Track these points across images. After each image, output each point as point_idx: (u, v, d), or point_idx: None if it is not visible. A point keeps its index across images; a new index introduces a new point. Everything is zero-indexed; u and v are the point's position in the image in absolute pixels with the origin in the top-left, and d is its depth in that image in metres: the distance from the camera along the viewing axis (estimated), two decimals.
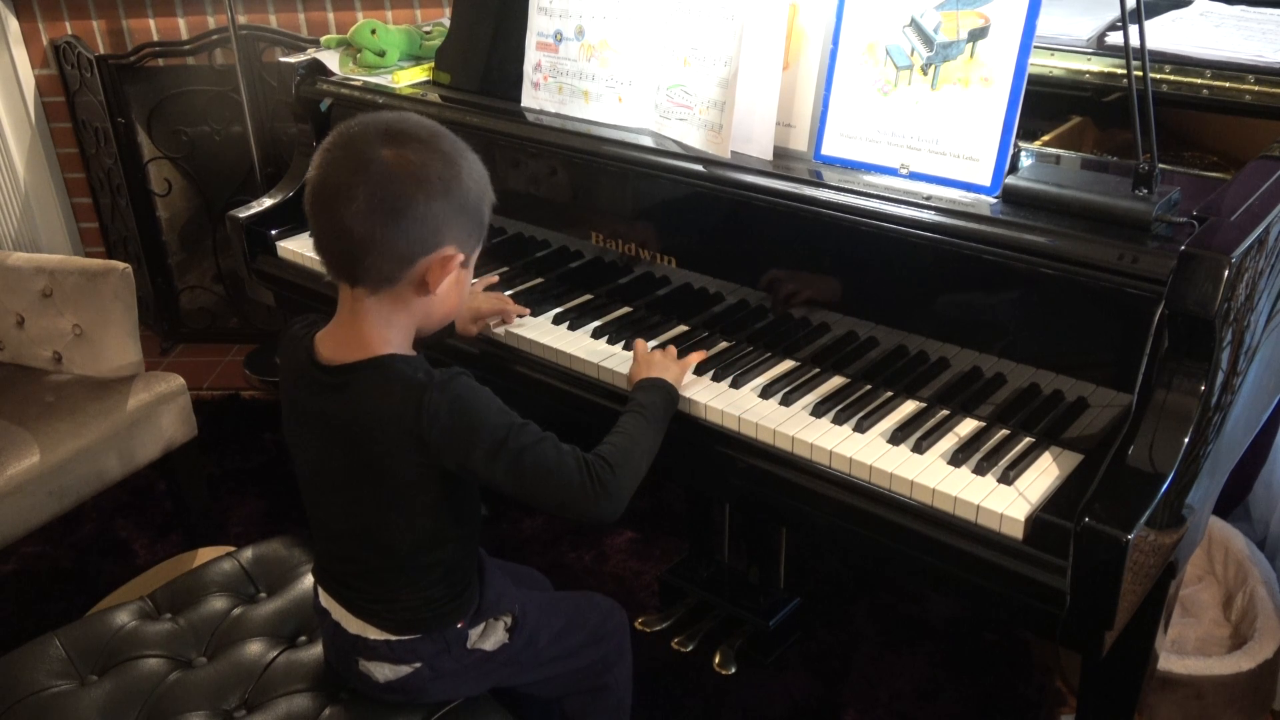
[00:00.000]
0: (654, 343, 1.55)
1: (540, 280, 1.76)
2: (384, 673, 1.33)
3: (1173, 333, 1.14)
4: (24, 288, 2.18)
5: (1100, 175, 1.34)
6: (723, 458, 1.39)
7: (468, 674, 1.37)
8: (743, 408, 1.39)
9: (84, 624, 1.50)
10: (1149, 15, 1.65)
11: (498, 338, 1.62)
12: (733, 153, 1.46)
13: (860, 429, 1.34)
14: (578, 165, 1.64)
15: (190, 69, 3.01)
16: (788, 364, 1.50)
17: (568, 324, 1.61)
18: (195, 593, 1.56)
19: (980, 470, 1.24)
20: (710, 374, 1.47)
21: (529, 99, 1.73)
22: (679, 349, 1.49)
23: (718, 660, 1.96)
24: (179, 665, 1.44)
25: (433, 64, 1.92)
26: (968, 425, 1.34)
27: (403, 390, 1.19)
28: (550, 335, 1.59)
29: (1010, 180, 1.28)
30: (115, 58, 2.96)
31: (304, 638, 1.49)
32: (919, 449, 1.29)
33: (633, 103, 1.61)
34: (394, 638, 1.31)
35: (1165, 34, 1.61)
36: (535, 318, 1.64)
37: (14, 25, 2.99)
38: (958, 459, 1.26)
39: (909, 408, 1.39)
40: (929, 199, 1.31)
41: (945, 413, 1.36)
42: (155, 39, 2.98)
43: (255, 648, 1.46)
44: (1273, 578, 1.93)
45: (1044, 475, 1.24)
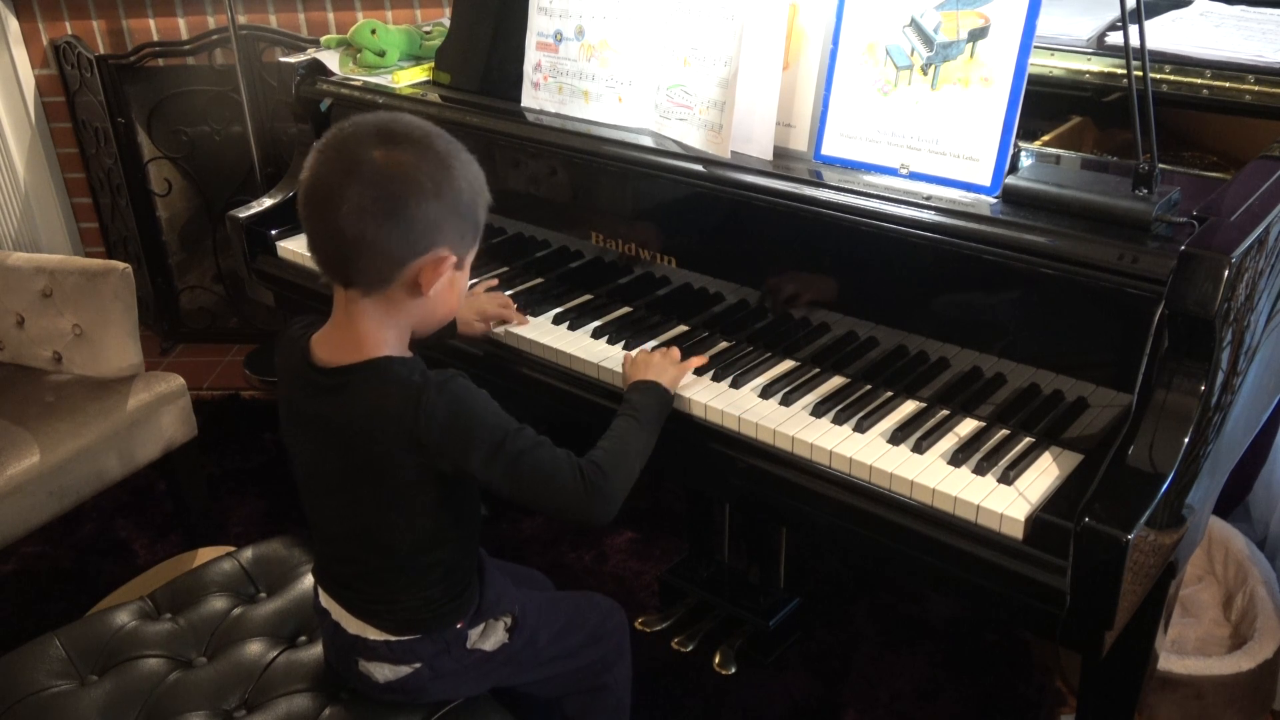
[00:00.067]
0: (654, 343, 1.55)
1: (540, 280, 1.76)
2: (384, 673, 1.33)
3: (1173, 333, 1.14)
4: (24, 288, 2.18)
5: (1100, 175, 1.34)
6: (723, 458, 1.39)
7: (467, 674, 1.37)
8: (743, 408, 1.39)
9: (84, 624, 1.50)
10: (1149, 15, 1.65)
11: (497, 338, 1.62)
12: (733, 153, 1.46)
13: (860, 429, 1.34)
14: (578, 165, 1.64)
15: (190, 69, 3.01)
16: (788, 364, 1.50)
17: (568, 324, 1.61)
18: (195, 593, 1.56)
19: (980, 470, 1.24)
20: (710, 374, 1.47)
21: (529, 99, 1.73)
22: (680, 350, 1.49)
23: (718, 660, 1.96)
24: (179, 665, 1.44)
25: (433, 64, 1.92)
26: (968, 425, 1.34)
27: (399, 393, 1.19)
28: (550, 335, 1.59)
29: (1010, 180, 1.28)
30: (115, 58, 2.96)
31: (304, 638, 1.49)
32: (919, 449, 1.29)
33: (633, 103, 1.61)
34: (394, 638, 1.31)
35: (1165, 34, 1.61)
36: (535, 318, 1.64)
37: (14, 25, 2.99)
38: (958, 459, 1.26)
39: (909, 408, 1.39)
40: (929, 199, 1.31)
41: (945, 413, 1.36)
42: (155, 39, 2.98)
43: (255, 648, 1.46)
44: (1273, 578, 1.93)
45: (1044, 475, 1.24)
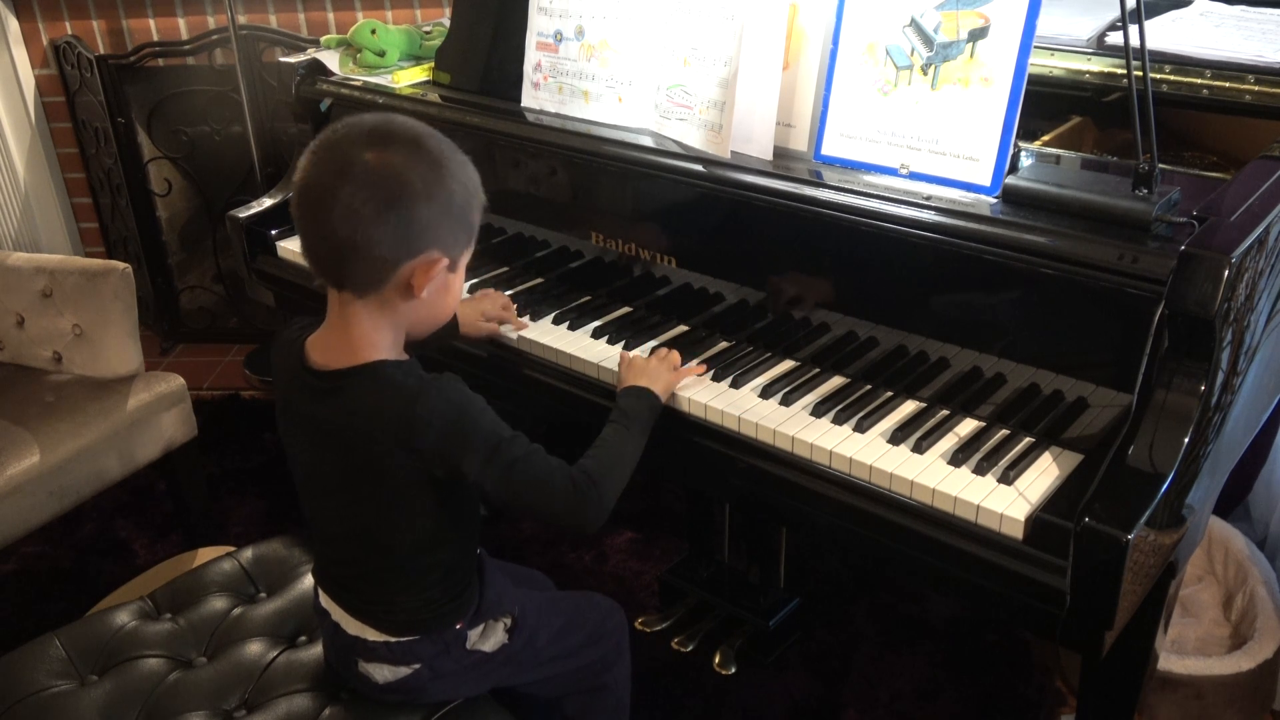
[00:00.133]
0: (654, 342, 1.55)
1: (540, 280, 1.76)
2: (383, 674, 1.33)
3: (1173, 333, 1.14)
4: (24, 288, 2.18)
5: (1100, 175, 1.34)
6: (723, 458, 1.39)
7: (467, 675, 1.37)
8: (743, 408, 1.39)
9: (84, 624, 1.50)
10: (1149, 15, 1.65)
11: (497, 338, 1.62)
12: (733, 153, 1.46)
13: (860, 429, 1.34)
14: (578, 165, 1.64)
15: (190, 69, 3.01)
16: (788, 364, 1.50)
17: (568, 324, 1.61)
18: (195, 593, 1.56)
19: (980, 470, 1.24)
20: (710, 374, 1.47)
21: (529, 99, 1.73)
22: (680, 350, 1.49)
23: (718, 660, 1.96)
24: (179, 665, 1.44)
25: (433, 64, 1.92)
26: (968, 425, 1.34)
27: (395, 397, 1.19)
28: (550, 335, 1.59)
29: (1010, 180, 1.28)
30: (115, 58, 2.96)
31: (304, 638, 1.49)
32: (919, 449, 1.29)
33: (633, 103, 1.61)
34: (393, 639, 1.31)
35: (1165, 34, 1.61)
36: (535, 318, 1.64)
37: (14, 25, 2.99)
38: (958, 459, 1.26)
39: (909, 408, 1.39)
40: (929, 199, 1.31)
41: (945, 413, 1.36)
42: (155, 39, 2.98)
43: (255, 648, 1.46)
44: (1273, 578, 1.93)
45: (1044, 475, 1.24)
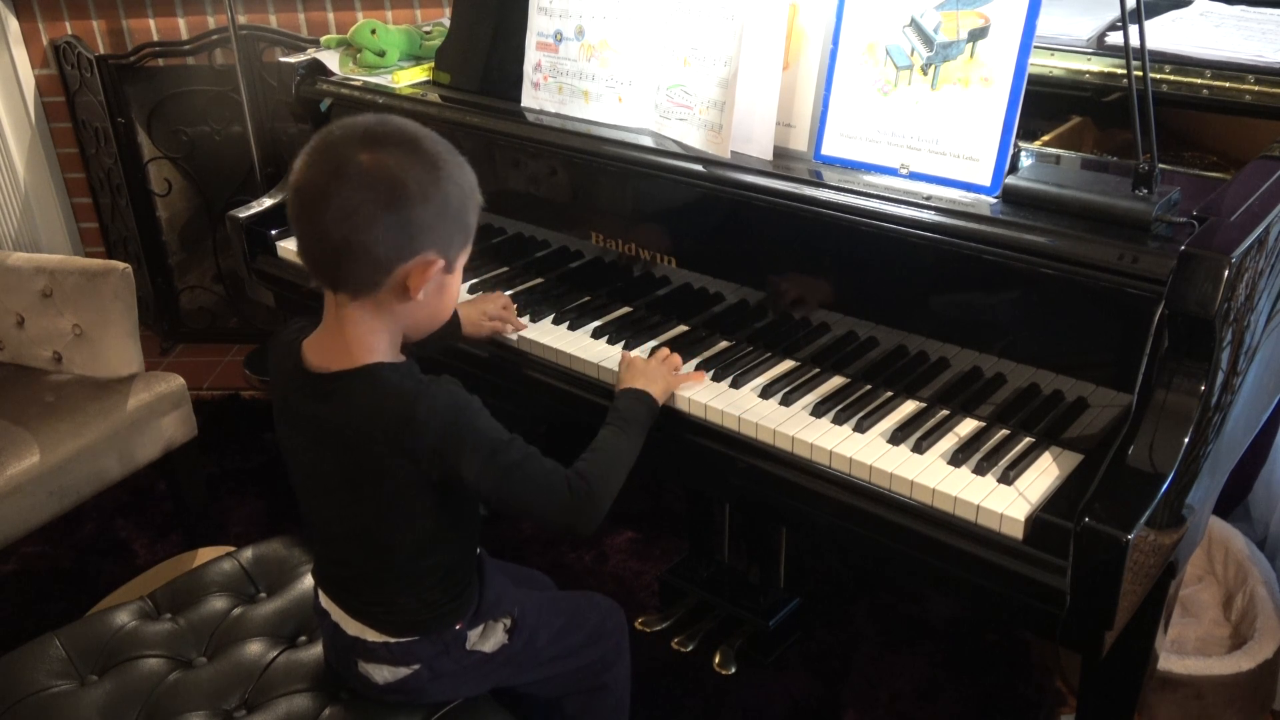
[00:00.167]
0: (654, 342, 1.55)
1: (540, 280, 1.76)
2: (383, 674, 1.33)
3: (1173, 333, 1.14)
4: (24, 288, 2.18)
5: (1100, 175, 1.34)
6: (723, 458, 1.39)
7: (467, 675, 1.37)
8: (743, 408, 1.39)
9: (84, 624, 1.50)
10: (1149, 15, 1.65)
11: (498, 339, 1.62)
12: (733, 153, 1.46)
13: (860, 429, 1.34)
14: (578, 165, 1.64)
15: (190, 69, 3.01)
16: (788, 364, 1.50)
17: (568, 324, 1.61)
18: (195, 593, 1.56)
19: (980, 470, 1.24)
20: (710, 374, 1.47)
21: (529, 99, 1.73)
22: (680, 350, 1.49)
23: (718, 660, 1.96)
24: (179, 665, 1.44)
25: (433, 64, 1.92)
26: (968, 425, 1.34)
27: (392, 400, 1.19)
28: (550, 335, 1.59)
29: (1010, 180, 1.28)
30: (115, 58, 2.96)
31: (304, 638, 1.48)
32: (919, 449, 1.29)
33: (633, 103, 1.61)
34: (393, 640, 1.31)
35: (1165, 34, 1.61)
36: (535, 319, 1.64)
37: (14, 25, 2.99)
38: (958, 459, 1.26)
39: (909, 408, 1.39)
40: (929, 199, 1.31)
41: (945, 413, 1.36)
42: (155, 39, 2.98)
43: (255, 648, 1.46)
44: (1273, 578, 1.93)
45: (1044, 475, 1.24)
